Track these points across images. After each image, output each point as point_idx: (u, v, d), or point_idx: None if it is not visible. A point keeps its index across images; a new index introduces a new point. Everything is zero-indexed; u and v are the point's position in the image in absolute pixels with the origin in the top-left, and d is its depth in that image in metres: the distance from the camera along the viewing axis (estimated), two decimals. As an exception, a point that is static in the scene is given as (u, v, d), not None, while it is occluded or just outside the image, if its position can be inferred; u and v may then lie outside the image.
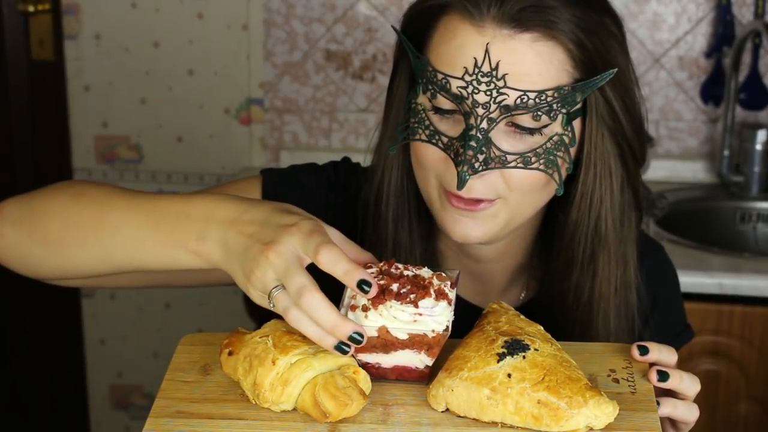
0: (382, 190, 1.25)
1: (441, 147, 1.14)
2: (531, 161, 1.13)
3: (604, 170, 1.18)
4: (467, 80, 1.11)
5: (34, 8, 2.78)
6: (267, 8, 2.68)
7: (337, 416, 0.97)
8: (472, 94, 1.10)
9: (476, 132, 1.11)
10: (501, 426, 0.98)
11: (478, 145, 1.11)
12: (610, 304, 1.23)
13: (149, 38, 2.73)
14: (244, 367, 1.01)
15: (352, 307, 1.01)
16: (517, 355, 0.98)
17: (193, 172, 2.80)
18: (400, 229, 1.25)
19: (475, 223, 1.16)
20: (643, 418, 0.99)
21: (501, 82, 1.10)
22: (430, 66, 1.14)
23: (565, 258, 1.23)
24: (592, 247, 1.21)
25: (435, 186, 1.17)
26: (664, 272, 1.35)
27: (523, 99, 1.10)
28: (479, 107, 1.11)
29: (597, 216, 1.20)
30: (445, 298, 1.02)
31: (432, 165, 1.16)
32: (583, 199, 1.19)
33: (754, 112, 2.60)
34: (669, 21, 2.59)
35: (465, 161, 1.11)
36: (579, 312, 1.23)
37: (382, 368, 1.04)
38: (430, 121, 1.15)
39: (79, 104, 2.80)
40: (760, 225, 2.53)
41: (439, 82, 1.12)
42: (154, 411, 1.01)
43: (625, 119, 1.17)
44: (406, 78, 1.21)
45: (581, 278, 1.23)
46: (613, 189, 1.19)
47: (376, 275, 1.03)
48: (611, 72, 1.13)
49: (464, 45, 1.11)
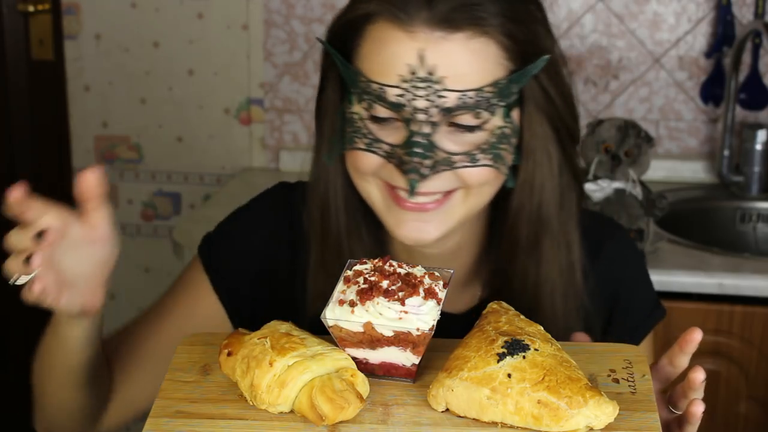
0: (328, 203, 1.23)
1: (382, 155, 1.13)
2: (477, 158, 1.13)
3: (542, 156, 1.18)
4: (404, 87, 1.10)
5: (34, 8, 2.78)
6: (267, 8, 2.68)
7: (333, 419, 0.97)
8: (411, 100, 1.10)
9: (419, 138, 1.10)
10: (501, 426, 0.98)
11: (424, 151, 1.10)
12: (556, 286, 1.23)
13: (149, 38, 2.73)
14: (242, 368, 1.01)
15: (340, 302, 1.02)
16: (517, 355, 0.98)
17: (193, 172, 2.80)
18: (354, 240, 1.24)
19: (423, 225, 1.16)
20: (643, 418, 0.99)
21: (439, 85, 1.09)
22: (362, 77, 1.12)
23: (509, 244, 1.22)
24: (536, 232, 1.21)
25: (379, 188, 1.17)
26: (624, 256, 1.34)
27: (462, 99, 1.10)
28: (419, 113, 1.10)
29: (539, 201, 1.19)
30: (434, 297, 1.02)
31: (373, 170, 1.15)
32: (524, 186, 1.19)
33: (754, 112, 2.60)
34: (669, 21, 2.59)
35: (412, 169, 1.10)
36: (527, 296, 1.22)
37: (369, 364, 1.04)
38: (368, 129, 1.14)
39: (79, 104, 2.80)
40: (760, 225, 2.53)
41: (374, 92, 1.11)
42: (154, 411, 1.01)
43: (559, 102, 1.17)
44: (336, 88, 1.19)
45: (526, 263, 1.22)
46: (552, 173, 1.19)
47: (370, 272, 1.04)
48: (544, 58, 1.14)
49: (397, 52, 1.10)
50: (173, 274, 2.95)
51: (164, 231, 2.84)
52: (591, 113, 2.64)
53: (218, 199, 2.56)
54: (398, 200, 1.15)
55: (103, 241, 1.08)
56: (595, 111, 2.65)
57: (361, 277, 1.04)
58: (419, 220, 1.15)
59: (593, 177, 2.19)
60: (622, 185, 2.17)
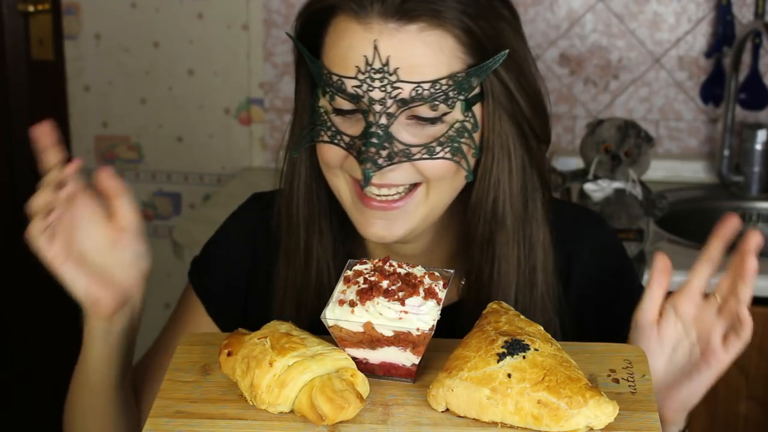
0: (292, 196, 1.25)
1: (343, 146, 1.15)
2: (435, 151, 1.13)
3: (502, 153, 1.18)
4: (360, 79, 1.11)
5: (34, 8, 2.78)
6: (267, 8, 2.68)
7: (333, 419, 0.97)
8: (367, 92, 1.11)
9: (376, 128, 1.12)
10: (501, 426, 0.98)
11: (380, 141, 1.11)
12: (511, 286, 1.22)
13: (149, 38, 2.73)
14: (242, 368, 1.01)
15: (340, 302, 1.02)
16: (517, 355, 0.98)
17: (193, 172, 2.80)
18: (311, 233, 1.25)
19: (391, 222, 1.17)
20: (643, 418, 0.99)
21: (394, 76, 1.10)
22: (325, 69, 1.14)
23: (466, 240, 1.23)
24: (490, 228, 1.21)
25: (347, 185, 1.18)
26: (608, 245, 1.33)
27: (418, 91, 1.11)
28: (376, 104, 1.11)
29: (494, 198, 1.19)
30: (434, 297, 1.02)
31: (337, 163, 1.17)
32: (482, 182, 1.19)
33: (754, 112, 2.60)
34: (669, 21, 2.59)
35: (368, 158, 1.11)
36: (480, 293, 1.22)
37: (369, 364, 1.04)
38: (332, 122, 1.16)
39: (79, 104, 2.80)
40: (760, 225, 2.53)
41: (335, 84, 1.13)
42: (154, 411, 1.01)
43: (522, 100, 1.17)
44: (307, 82, 1.21)
45: (480, 260, 1.22)
46: (512, 170, 1.19)
47: (370, 272, 1.04)
48: (503, 54, 1.14)
49: (353, 44, 1.12)
50: (173, 274, 2.96)
51: (164, 231, 2.84)
52: (591, 113, 2.64)
53: (218, 199, 2.56)
54: (364, 199, 1.16)
55: (123, 244, 1.15)
56: (595, 111, 2.65)
57: (361, 277, 1.04)
58: (385, 218, 1.16)
59: (593, 177, 2.19)
60: (622, 185, 2.17)
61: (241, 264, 1.33)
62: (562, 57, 2.61)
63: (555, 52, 2.60)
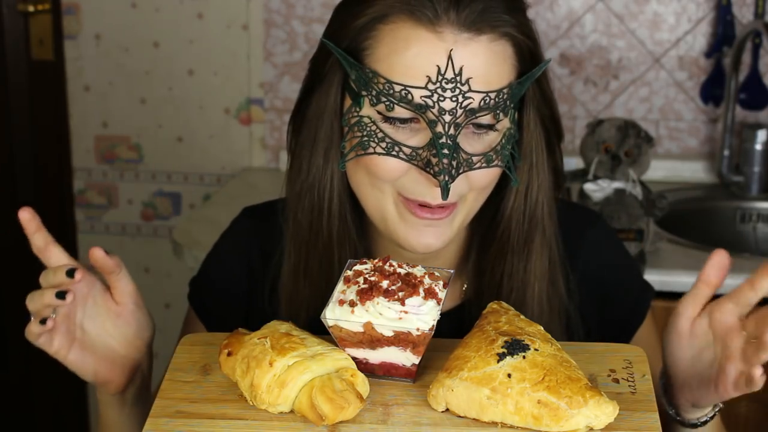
0: (322, 209, 1.21)
1: (404, 158, 1.12)
2: (492, 159, 1.14)
3: (537, 157, 1.20)
4: (431, 89, 1.10)
5: (34, 8, 2.78)
6: (267, 8, 2.68)
7: (333, 419, 0.97)
8: (438, 102, 1.10)
9: (446, 139, 1.10)
10: (501, 426, 0.98)
11: (450, 152, 1.10)
12: (543, 285, 1.23)
13: (149, 38, 2.73)
14: (242, 368, 1.01)
15: (340, 302, 1.02)
16: (517, 355, 0.98)
17: (193, 172, 2.80)
18: (344, 247, 1.22)
19: (435, 232, 1.16)
20: (643, 418, 0.99)
21: (465, 86, 1.10)
22: (381, 77, 1.11)
23: (500, 245, 1.23)
24: (528, 232, 1.22)
25: (392, 198, 1.16)
26: (607, 242, 1.34)
27: (486, 101, 1.11)
28: (446, 114, 1.10)
29: (534, 202, 1.21)
30: (434, 297, 1.02)
31: (391, 177, 1.14)
32: (521, 187, 1.20)
33: (754, 112, 2.60)
34: (669, 21, 2.59)
35: (444, 170, 1.10)
36: (513, 297, 1.22)
37: (369, 364, 1.04)
38: (384, 133, 1.13)
39: (79, 104, 2.80)
40: (760, 225, 2.53)
41: (397, 94, 1.10)
42: (154, 411, 1.01)
43: (553, 103, 1.21)
44: (337, 91, 1.17)
45: (515, 263, 1.22)
46: (546, 173, 1.21)
47: (370, 272, 1.04)
48: (547, 61, 1.16)
49: (423, 53, 1.10)
50: (173, 274, 2.96)
51: (164, 231, 2.84)
52: (591, 113, 2.64)
53: (218, 199, 2.56)
54: (414, 209, 1.15)
55: (126, 317, 1.16)
56: (595, 111, 2.65)
57: (361, 277, 1.04)
58: (433, 226, 1.16)
59: (593, 177, 2.19)
60: (622, 185, 2.17)
61: (239, 281, 1.33)
62: (562, 57, 2.61)
63: (555, 52, 2.60)
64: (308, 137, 1.20)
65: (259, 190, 2.47)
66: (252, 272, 1.32)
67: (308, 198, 1.21)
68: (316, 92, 1.19)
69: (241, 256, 1.33)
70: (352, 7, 1.16)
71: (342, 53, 1.14)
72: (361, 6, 1.15)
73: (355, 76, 1.13)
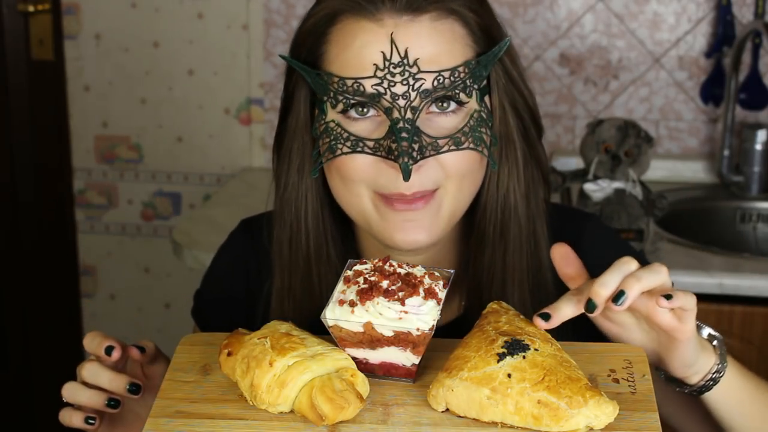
0: (299, 228, 1.22)
1: (368, 152, 1.12)
2: (461, 141, 1.13)
3: (509, 145, 1.19)
4: (380, 76, 1.10)
5: (34, 8, 2.78)
6: (267, 8, 2.68)
7: (333, 419, 0.97)
8: (389, 88, 1.10)
9: (403, 123, 1.10)
10: (501, 426, 0.98)
11: (410, 135, 1.10)
12: (524, 278, 1.21)
13: (149, 38, 2.73)
14: (242, 368, 1.01)
15: (340, 302, 1.02)
16: (517, 355, 0.98)
17: (193, 172, 2.80)
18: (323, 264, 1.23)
19: (419, 226, 1.15)
20: (643, 418, 0.99)
21: (414, 68, 1.10)
22: (335, 77, 1.12)
23: (477, 237, 1.22)
24: (502, 222, 1.20)
25: (368, 197, 1.16)
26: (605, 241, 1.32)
27: (439, 80, 1.10)
28: (399, 99, 1.10)
29: (505, 191, 1.19)
30: (434, 297, 1.02)
31: (362, 175, 1.14)
32: (491, 177, 1.19)
33: (754, 112, 2.60)
34: (669, 21, 2.59)
35: (404, 152, 1.09)
36: (493, 289, 1.21)
37: (369, 364, 1.04)
38: (348, 133, 1.13)
39: (79, 104, 2.80)
40: (760, 225, 2.53)
41: (350, 89, 1.11)
42: (154, 411, 1.01)
43: (523, 89, 1.19)
44: (306, 106, 1.18)
45: (493, 255, 1.21)
46: (518, 163, 1.19)
47: (370, 272, 1.04)
48: (507, 40, 1.15)
49: (367, 42, 1.11)
50: (173, 274, 2.96)
51: (164, 231, 2.84)
52: (591, 113, 2.64)
53: (218, 199, 2.56)
54: (389, 202, 1.14)
55: (153, 389, 1.16)
56: (595, 111, 2.65)
57: (361, 277, 1.04)
58: (411, 220, 1.15)
59: (593, 177, 2.19)
60: (622, 185, 2.17)
61: (238, 295, 1.33)
62: (562, 57, 2.61)
63: (555, 52, 2.60)
64: (285, 155, 1.21)
65: (259, 190, 2.47)
66: (250, 285, 1.32)
67: (287, 214, 1.22)
68: (289, 111, 1.20)
69: (240, 269, 1.33)
70: (304, 18, 1.18)
71: (297, 63, 1.16)
72: (310, 13, 1.17)
73: (314, 83, 1.15)
